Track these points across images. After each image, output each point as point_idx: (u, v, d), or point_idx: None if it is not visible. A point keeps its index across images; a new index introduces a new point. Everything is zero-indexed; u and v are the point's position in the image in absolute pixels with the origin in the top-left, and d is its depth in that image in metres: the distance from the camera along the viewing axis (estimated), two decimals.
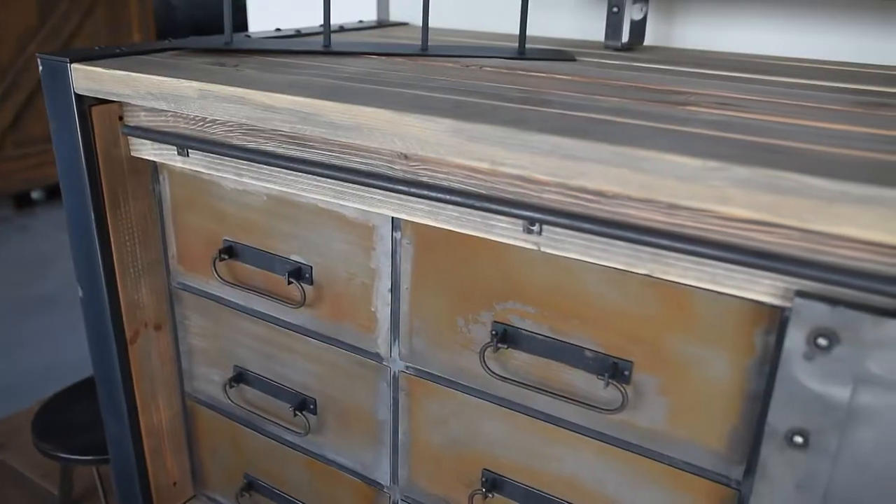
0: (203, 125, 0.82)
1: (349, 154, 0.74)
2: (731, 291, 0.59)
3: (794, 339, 0.56)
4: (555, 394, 0.70)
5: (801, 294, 0.55)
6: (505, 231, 0.68)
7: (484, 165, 0.61)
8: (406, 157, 0.70)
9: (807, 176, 0.49)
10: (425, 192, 0.69)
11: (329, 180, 0.77)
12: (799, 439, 0.58)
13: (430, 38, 1.15)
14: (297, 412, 0.92)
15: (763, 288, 0.58)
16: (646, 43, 1.16)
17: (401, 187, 0.71)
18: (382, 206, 0.74)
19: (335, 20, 1.34)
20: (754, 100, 0.74)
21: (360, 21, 1.36)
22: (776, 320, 0.59)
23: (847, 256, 0.53)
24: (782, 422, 0.58)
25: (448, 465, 0.84)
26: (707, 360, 0.64)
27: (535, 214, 0.64)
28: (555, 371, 0.72)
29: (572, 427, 0.73)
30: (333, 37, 1.12)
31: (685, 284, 0.62)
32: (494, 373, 0.73)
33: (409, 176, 0.71)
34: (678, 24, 1.16)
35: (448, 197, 0.68)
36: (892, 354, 0.52)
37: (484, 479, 0.81)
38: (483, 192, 0.67)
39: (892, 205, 0.47)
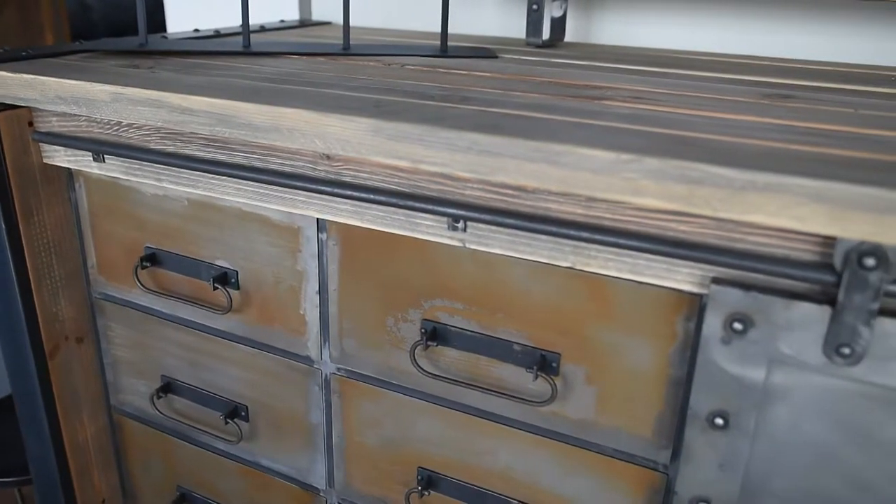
0: (118, 130, 0.80)
1: (271, 156, 0.72)
2: (651, 281, 0.61)
3: (712, 325, 0.57)
4: (485, 389, 0.71)
5: (716, 281, 0.57)
6: (430, 229, 0.68)
7: (405, 164, 0.61)
8: (328, 157, 0.69)
9: (716, 166, 0.51)
10: (349, 192, 0.69)
11: (251, 183, 0.75)
12: (720, 421, 0.60)
13: (352, 37, 1.14)
14: (228, 420, 0.90)
15: (681, 276, 0.59)
16: (566, 39, 1.18)
17: (324, 188, 0.70)
18: (307, 208, 0.74)
19: (256, 20, 1.32)
20: (667, 93, 0.76)
21: (282, 21, 1.34)
22: (695, 307, 0.61)
23: (758, 243, 0.55)
24: (704, 405, 0.60)
25: (384, 465, 0.84)
26: (631, 349, 0.65)
27: (458, 211, 0.64)
28: (485, 366, 0.72)
29: (504, 421, 0.74)
30: (254, 37, 1.10)
31: (607, 275, 0.63)
32: (425, 371, 0.73)
33: (332, 176, 0.70)
34: (596, 21, 1.19)
35: (372, 196, 0.68)
36: (801, 335, 0.55)
37: (420, 478, 0.81)
38: (406, 190, 0.67)
39: (796, 192, 0.49)
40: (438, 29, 1.16)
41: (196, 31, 1.13)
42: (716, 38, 1.12)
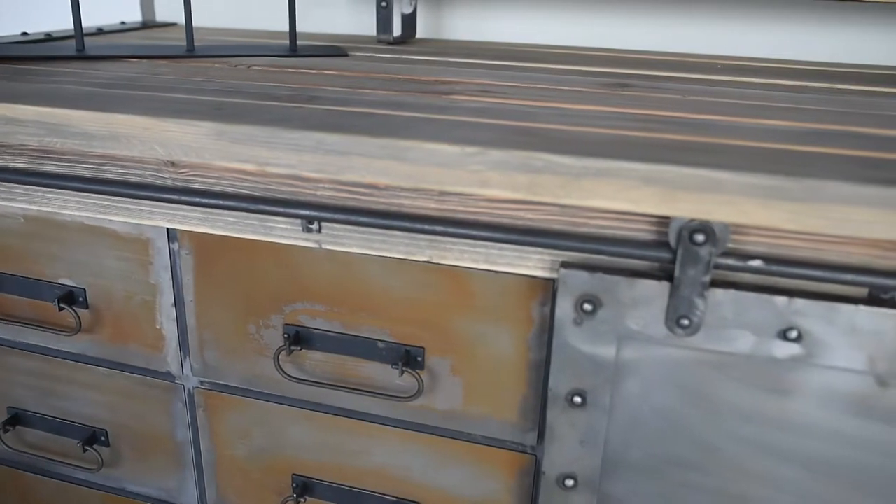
0: None
1: (111, 165, 0.69)
2: (506, 269, 0.62)
3: (564, 308, 0.60)
4: (353, 388, 0.70)
5: (565, 265, 0.59)
6: (284, 231, 0.67)
7: (251, 167, 0.60)
8: (173, 164, 0.67)
9: (555, 155, 0.53)
10: (198, 199, 0.66)
11: (92, 195, 0.71)
12: (578, 399, 0.62)
13: (198, 38, 1.10)
14: (86, 447, 0.85)
15: (533, 263, 0.61)
16: (418, 36, 1.19)
17: (171, 196, 0.67)
18: (155, 218, 0.71)
19: (94, 21, 1.25)
20: (514, 86, 0.78)
21: (123, 22, 1.28)
22: (549, 291, 0.63)
23: (601, 226, 0.58)
24: (562, 385, 0.62)
25: (257, 476, 0.82)
26: (493, 337, 0.67)
27: (311, 212, 0.63)
28: (351, 366, 0.72)
29: (375, 419, 0.74)
30: (91, 40, 1.04)
31: (464, 267, 0.64)
32: (291, 376, 0.72)
33: (178, 183, 0.67)
34: (447, 17, 1.20)
35: (222, 202, 0.65)
36: (645, 311, 0.58)
37: (295, 485, 0.80)
38: (257, 193, 0.65)
39: (629, 176, 0.52)
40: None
41: (24, 34, 1.05)
42: (563, 32, 1.16)
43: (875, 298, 0.55)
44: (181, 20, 1.34)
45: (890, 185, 0.48)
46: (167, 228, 0.72)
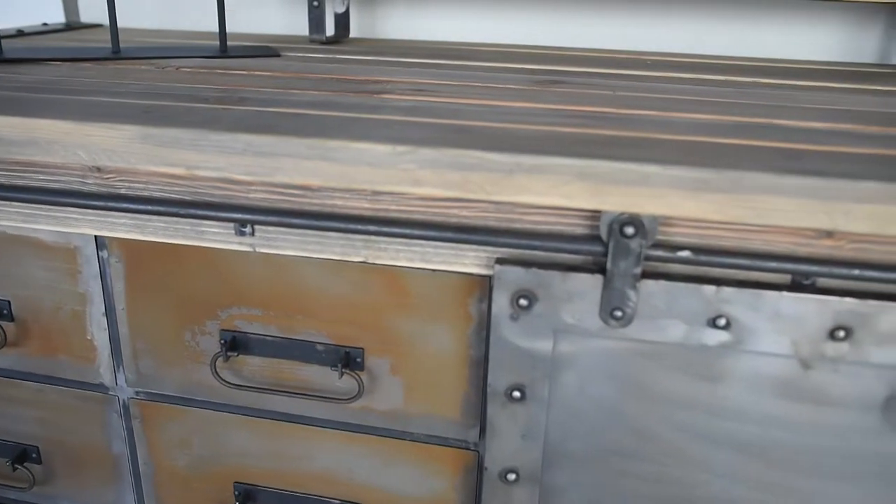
0: None
1: (33, 172, 0.66)
2: (442, 267, 0.62)
3: (500, 303, 0.60)
4: (293, 392, 0.70)
5: (500, 261, 0.59)
6: (217, 236, 0.65)
7: (180, 171, 0.58)
8: (99, 169, 0.65)
9: (486, 152, 0.53)
10: (126, 206, 0.65)
11: (14, 203, 0.69)
12: (517, 394, 0.63)
13: (125, 39, 1.07)
14: (16, 466, 0.82)
15: (469, 260, 0.61)
16: (352, 35, 1.18)
17: (98, 203, 0.65)
18: (81, 226, 0.68)
19: (13, 23, 1.21)
20: (447, 84, 0.78)
21: (45, 24, 1.24)
22: (486, 288, 0.64)
23: (535, 221, 0.58)
24: (501, 380, 0.63)
25: (198, 485, 0.80)
26: (432, 335, 0.67)
27: (244, 216, 0.62)
28: (290, 370, 0.71)
29: (316, 422, 0.73)
30: (10, 42, 1.00)
31: (400, 266, 0.64)
32: (229, 382, 0.71)
33: (105, 190, 0.66)
34: (381, 16, 1.20)
35: (151, 207, 0.64)
36: (580, 304, 0.58)
37: (237, 493, 0.78)
38: (188, 198, 0.64)
39: (560, 171, 0.52)
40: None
41: None
42: (496, 30, 1.17)
43: (797, 284, 0.57)
44: (107, 21, 1.30)
45: (807, 175, 0.49)
46: (95, 236, 0.70)
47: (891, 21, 1.08)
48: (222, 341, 0.71)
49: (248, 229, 0.64)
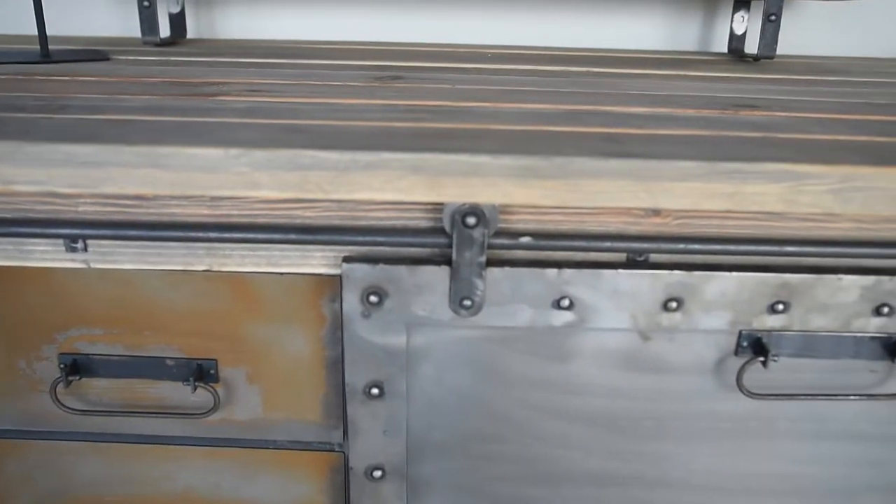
0: None
1: None
2: (290, 270, 0.61)
3: (351, 302, 0.60)
4: (146, 412, 0.67)
5: (347, 259, 0.59)
6: (45, 254, 0.61)
7: None
8: None
9: (322, 151, 0.52)
10: None
11: None
12: (375, 391, 0.63)
13: None
14: None
15: (316, 261, 0.61)
16: (189, 36, 1.14)
17: None
18: None
19: None
20: (284, 84, 0.77)
21: None
22: (336, 288, 0.63)
23: (378, 217, 0.58)
24: (359, 378, 0.63)
25: None
26: (286, 340, 0.65)
27: (73, 231, 0.59)
28: (141, 389, 0.68)
29: (174, 441, 0.70)
30: None
31: (247, 272, 0.62)
32: (73, 409, 0.67)
33: None
34: (219, 16, 1.16)
35: None
36: (430, 297, 0.59)
37: None
38: (7, 215, 0.59)
39: (395, 166, 0.53)
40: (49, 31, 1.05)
41: None
42: (337, 27, 1.16)
43: (632, 261, 0.60)
44: None
45: (627, 157, 0.52)
46: None
47: (708, 12, 1.16)
48: (62, 366, 0.67)
49: (79, 245, 0.61)
